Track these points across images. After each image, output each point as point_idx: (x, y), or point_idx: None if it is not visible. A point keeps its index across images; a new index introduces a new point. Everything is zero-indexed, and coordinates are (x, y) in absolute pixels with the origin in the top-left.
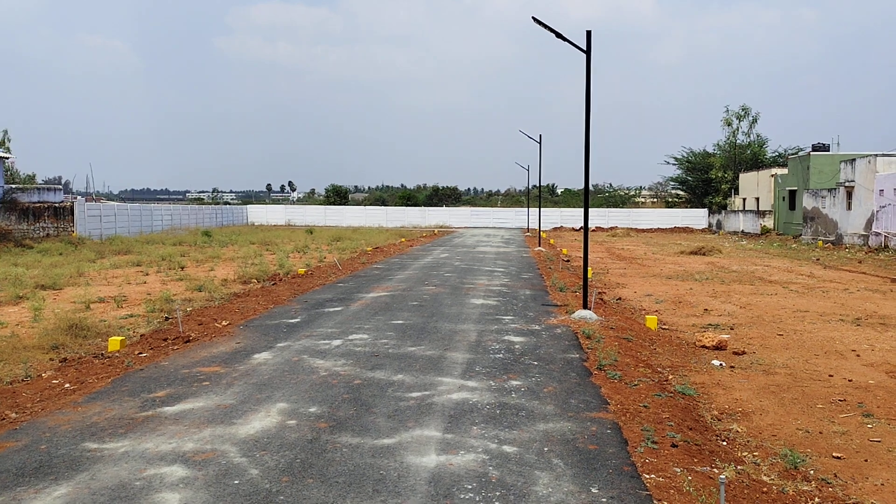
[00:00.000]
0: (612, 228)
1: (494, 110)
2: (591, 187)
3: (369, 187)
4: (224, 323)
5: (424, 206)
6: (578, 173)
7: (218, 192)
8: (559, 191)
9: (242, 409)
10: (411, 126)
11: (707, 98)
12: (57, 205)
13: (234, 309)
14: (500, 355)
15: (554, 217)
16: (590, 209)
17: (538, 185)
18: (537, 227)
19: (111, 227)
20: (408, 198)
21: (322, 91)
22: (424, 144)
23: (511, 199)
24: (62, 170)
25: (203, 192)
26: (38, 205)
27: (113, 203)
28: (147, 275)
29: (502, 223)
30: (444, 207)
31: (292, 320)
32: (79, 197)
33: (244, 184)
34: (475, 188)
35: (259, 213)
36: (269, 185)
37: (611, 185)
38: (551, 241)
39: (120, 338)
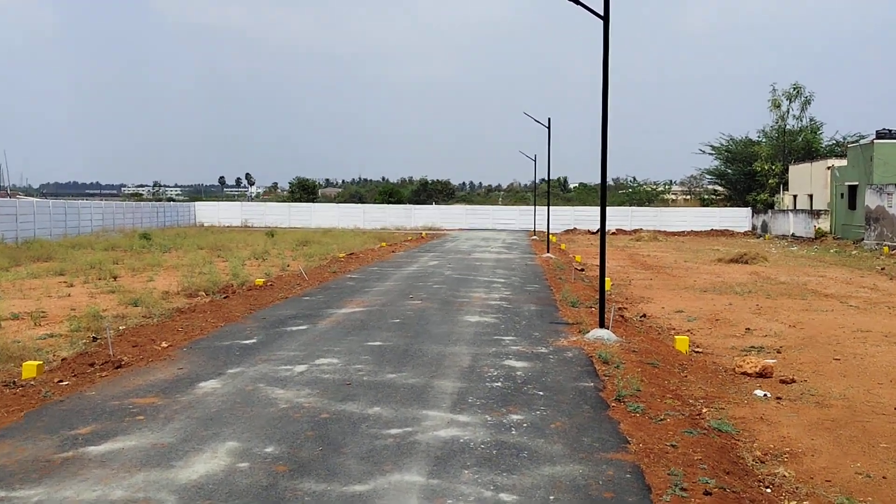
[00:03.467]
0: (635, 231)
1: (494, 89)
2: (610, 181)
3: (343, 181)
4: (164, 344)
5: (410, 203)
6: (595, 165)
7: (160, 186)
8: (572, 186)
9: (184, 448)
10: (393, 108)
11: (750, 74)
12: None
13: (176, 327)
14: (499, 384)
15: (566, 217)
16: (609, 208)
17: (546, 178)
18: (545, 230)
19: (29, 229)
20: (390, 194)
21: (284, 65)
22: (409, 130)
23: (514, 195)
24: None
25: (142, 186)
26: None
27: (31, 199)
28: (72, 286)
29: (503, 224)
30: (433, 206)
31: (247, 341)
32: None
33: (192, 176)
34: (471, 182)
35: (209, 212)
36: (221, 177)
37: (634, 178)
38: (562, 245)
39: (36, 362)
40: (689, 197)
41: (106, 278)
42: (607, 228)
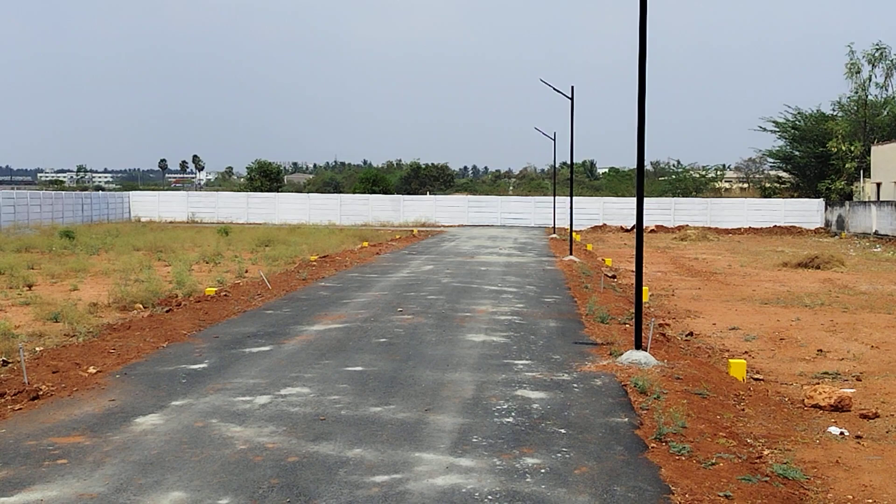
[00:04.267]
0: (680, 228)
1: (501, 52)
2: (648, 166)
3: (315, 165)
4: (92, 370)
5: (398, 193)
6: (629, 145)
7: (85, 171)
8: (601, 171)
9: (118, 500)
10: (376, 75)
11: (822, 33)
12: None
13: (107, 349)
14: (510, 419)
15: (593, 210)
16: (647, 199)
17: (569, 162)
18: (567, 226)
19: None
20: (373, 181)
21: (239, 24)
22: (398, 102)
23: (528, 183)
24: None
25: (63, 171)
26: None
27: None
28: None
29: (515, 219)
30: (427, 196)
31: (196, 366)
32: None
33: (125, 160)
34: (474, 167)
35: (148, 204)
36: (162, 161)
37: (678, 162)
38: (588, 246)
39: None
40: (746, 185)
41: (18, 287)
42: (645, 224)
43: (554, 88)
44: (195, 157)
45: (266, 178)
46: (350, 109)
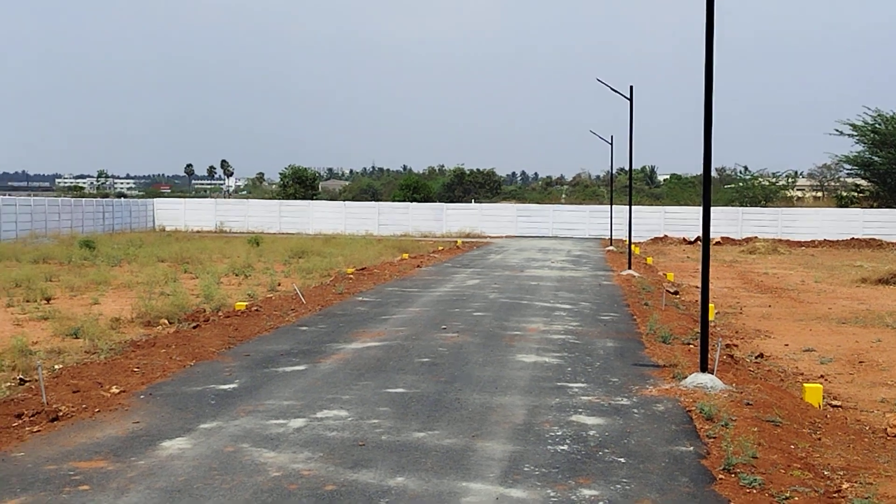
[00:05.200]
0: (748, 240)
1: (552, 49)
2: (713, 173)
3: (352, 171)
4: (115, 389)
5: (441, 201)
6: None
7: (107, 176)
8: (661, 178)
9: None
10: (416, 76)
11: None
12: None
13: (130, 367)
14: (565, 447)
15: (653, 220)
16: (712, 208)
17: (628, 167)
18: (625, 237)
19: None
20: (414, 188)
21: (270, 29)
22: (439, 104)
23: (582, 191)
24: None
25: (83, 177)
26: None
27: None
28: None
29: (568, 230)
30: (472, 204)
31: (225, 386)
32: None
33: (149, 164)
34: (523, 173)
35: (173, 212)
36: (189, 166)
37: (745, 169)
38: (648, 259)
39: None
40: (820, 194)
41: (36, 300)
42: (710, 236)
43: (611, 88)
44: (224, 162)
45: (300, 184)
46: (388, 112)
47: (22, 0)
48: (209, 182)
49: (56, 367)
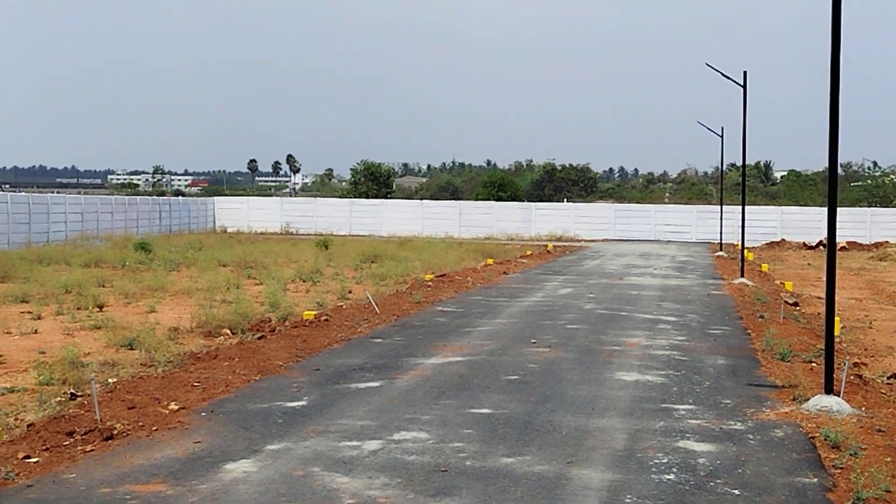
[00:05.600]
0: (878, 245)
1: (657, 30)
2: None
3: (429, 167)
4: (173, 406)
5: (530, 200)
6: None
7: (163, 172)
8: (778, 175)
9: None
10: (500, 63)
11: None
12: None
13: (190, 381)
14: (671, 476)
15: (769, 222)
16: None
17: (740, 163)
18: (737, 241)
19: None
20: (499, 186)
21: (338, 8)
22: (527, 93)
23: (688, 189)
24: None
25: (137, 173)
26: None
27: None
28: (39, 318)
29: (673, 232)
30: (565, 204)
31: (293, 403)
32: None
33: (209, 160)
34: (621, 169)
35: (235, 212)
36: (252, 162)
37: (874, 164)
38: (763, 266)
39: None
40: None
41: (88, 307)
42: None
43: (722, 74)
44: (290, 157)
45: (373, 181)
46: (470, 102)
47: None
48: (273, 179)
49: (110, 380)
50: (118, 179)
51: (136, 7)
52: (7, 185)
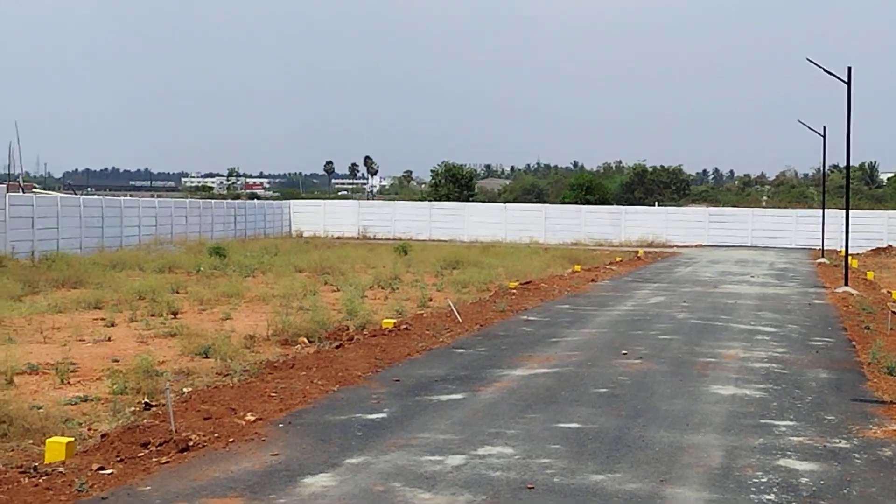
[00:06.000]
0: None
1: (753, 22)
2: None
3: (513, 169)
4: (250, 417)
5: (619, 203)
6: None
7: (238, 175)
8: (884, 177)
9: None
10: (586, 57)
11: None
12: None
13: (267, 391)
14: (771, 496)
15: (875, 227)
16: None
17: (844, 164)
18: (840, 248)
19: (50, 238)
20: (586, 189)
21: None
22: (614, 91)
23: (787, 192)
24: None
25: (212, 175)
26: None
27: (54, 194)
28: (113, 325)
29: (771, 238)
30: (656, 207)
31: (373, 415)
32: None
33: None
34: (715, 171)
35: (310, 216)
36: (328, 164)
37: None
38: (868, 273)
39: (65, 439)
40: None
41: (162, 314)
42: None
43: (825, 70)
44: (367, 158)
45: (454, 184)
46: (555, 101)
47: (154, 3)
48: (350, 181)
49: (185, 390)
50: (192, 182)
51: (212, 12)
52: (79, 188)
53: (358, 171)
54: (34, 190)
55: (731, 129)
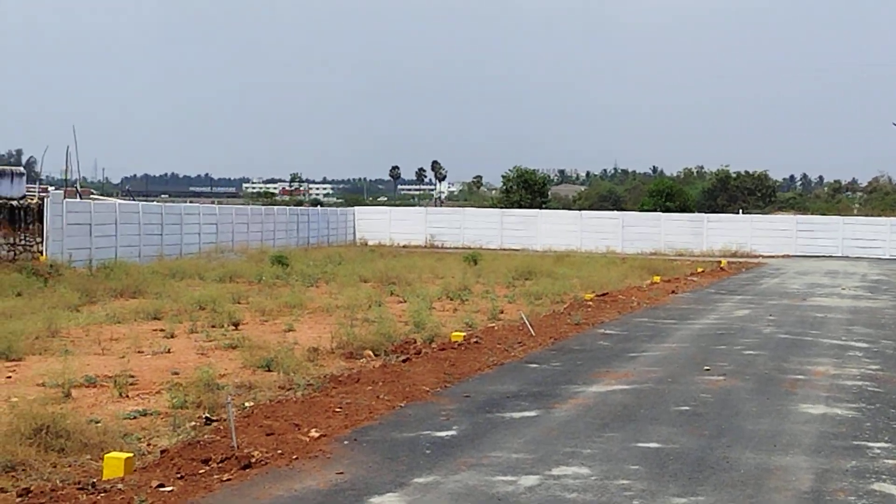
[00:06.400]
0: None
1: (839, 17)
2: None
3: (588, 174)
4: (314, 433)
5: (700, 211)
6: None
7: (300, 181)
8: None
9: None
10: (664, 54)
11: None
12: (13, 203)
13: (331, 406)
14: None
15: None
16: None
17: None
18: None
19: (108, 246)
20: (666, 195)
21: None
22: (696, 91)
23: (882, 199)
24: (24, 141)
25: (274, 181)
26: None
27: (112, 200)
28: (173, 336)
29: (864, 248)
30: (740, 215)
31: (442, 433)
32: (51, 189)
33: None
34: (804, 176)
35: (376, 223)
36: (394, 169)
37: None
38: None
39: (124, 454)
40: None
41: (223, 325)
42: None
43: None
44: (435, 163)
45: (526, 190)
46: (634, 101)
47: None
48: (417, 187)
49: (247, 404)
50: (254, 188)
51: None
52: (138, 194)
53: (425, 177)
54: (92, 196)
55: (821, 132)
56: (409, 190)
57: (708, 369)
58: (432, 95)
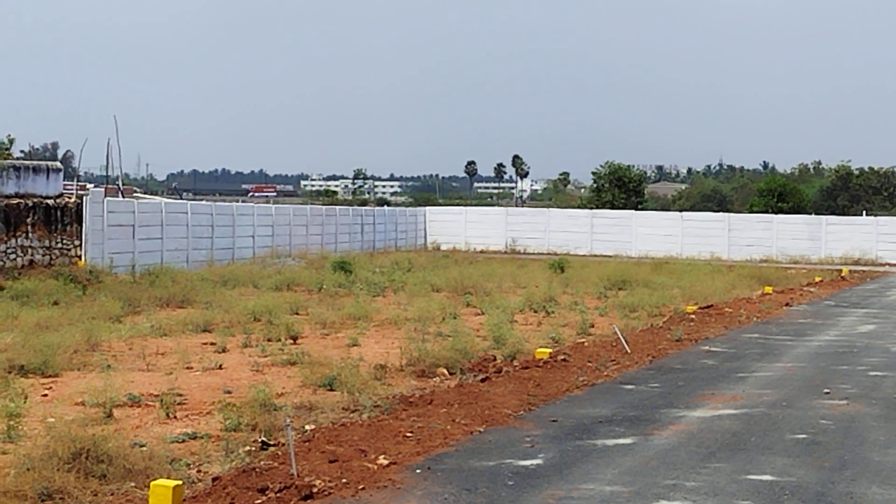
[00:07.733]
0: None
1: None
2: None
3: (690, 171)
4: (383, 461)
5: (818, 212)
6: None
7: (365, 177)
8: None
9: None
10: (777, 39)
11: None
12: (49, 202)
13: (401, 431)
14: None
15: None
16: None
17: None
18: None
19: (153, 250)
20: (779, 195)
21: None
22: (810, 77)
23: None
24: (60, 133)
25: (334, 178)
26: (13, 202)
27: (158, 199)
28: (225, 351)
29: None
30: (863, 217)
31: (526, 462)
32: (90, 187)
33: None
34: None
35: (449, 225)
36: (471, 164)
37: None
38: None
39: (172, 482)
40: None
41: (280, 339)
42: None
43: None
44: (516, 158)
45: (620, 188)
46: (741, 90)
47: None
48: (496, 185)
49: (307, 427)
50: (313, 186)
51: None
52: (186, 192)
53: (505, 174)
54: (135, 194)
55: None
56: (487, 188)
57: (828, 392)
58: (514, 84)
